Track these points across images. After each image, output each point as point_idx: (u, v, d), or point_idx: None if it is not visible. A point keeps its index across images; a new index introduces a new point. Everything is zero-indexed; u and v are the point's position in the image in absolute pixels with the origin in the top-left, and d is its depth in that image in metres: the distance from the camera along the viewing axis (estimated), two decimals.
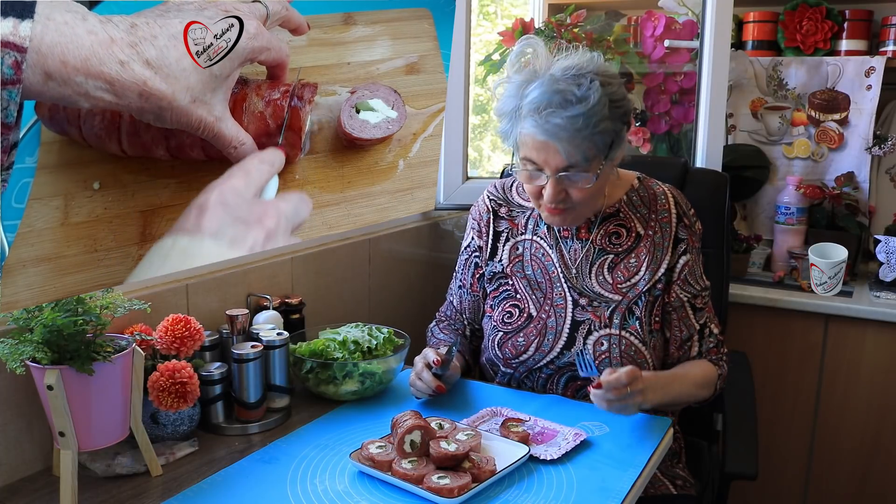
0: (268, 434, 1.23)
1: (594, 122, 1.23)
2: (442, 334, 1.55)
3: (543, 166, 1.28)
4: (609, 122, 1.26)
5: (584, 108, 1.22)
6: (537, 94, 1.25)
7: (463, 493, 0.99)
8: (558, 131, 1.23)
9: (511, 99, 1.30)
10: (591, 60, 1.28)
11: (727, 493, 1.46)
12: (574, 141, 1.23)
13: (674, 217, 1.40)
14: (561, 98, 1.23)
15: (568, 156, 1.25)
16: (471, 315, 1.55)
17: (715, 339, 1.42)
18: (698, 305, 1.41)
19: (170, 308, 1.28)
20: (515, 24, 2.13)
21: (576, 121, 1.22)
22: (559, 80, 1.25)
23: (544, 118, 1.23)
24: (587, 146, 1.25)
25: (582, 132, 1.23)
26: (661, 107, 2.20)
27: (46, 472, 1.12)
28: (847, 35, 2.29)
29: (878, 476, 2.06)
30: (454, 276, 1.58)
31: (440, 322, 1.60)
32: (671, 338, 1.41)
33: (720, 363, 1.41)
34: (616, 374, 1.17)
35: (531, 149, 1.28)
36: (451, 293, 1.59)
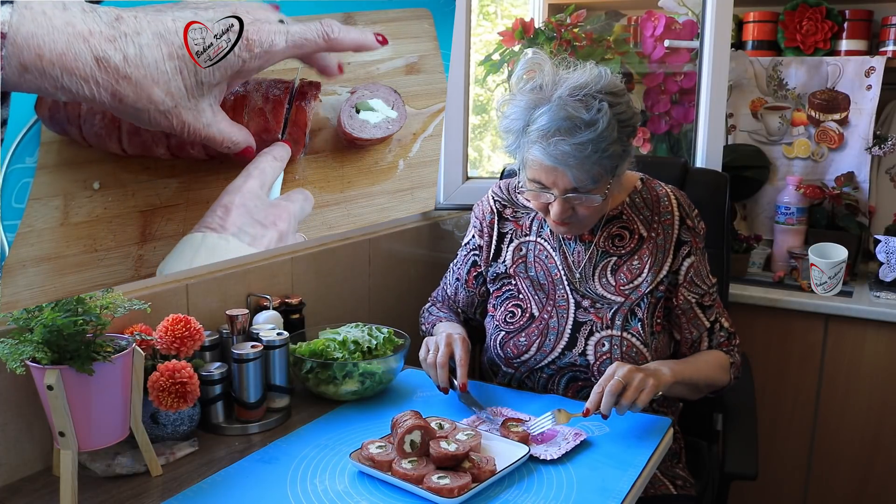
0: (268, 434, 1.23)
1: (603, 146, 1.22)
2: (442, 312, 1.56)
3: (551, 187, 1.28)
4: (617, 145, 1.25)
5: (593, 133, 1.21)
6: (545, 120, 1.23)
7: (463, 493, 0.99)
8: (567, 158, 1.22)
9: (518, 120, 1.28)
10: (598, 78, 1.25)
11: (727, 493, 1.46)
12: (583, 167, 1.23)
13: (676, 219, 1.40)
14: (569, 124, 1.21)
15: (576, 180, 1.25)
16: (464, 305, 1.56)
17: (726, 333, 1.43)
18: (706, 303, 1.41)
19: (170, 308, 1.28)
20: (515, 24, 2.13)
21: (584, 147, 1.21)
22: (567, 103, 1.22)
23: (553, 145, 1.22)
24: (596, 170, 1.24)
25: (590, 158, 1.22)
26: (661, 107, 2.20)
27: (46, 472, 1.12)
28: (847, 35, 2.29)
29: (878, 476, 2.06)
30: (451, 268, 1.59)
31: (436, 303, 1.61)
32: (681, 339, 1.42)
33: (732, 353, 1.43)
34: (598, 384, 1.20)
35: (539, 171, 1.27)
36: (446, 282, 1.60)
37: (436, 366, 1.29)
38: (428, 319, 1.56)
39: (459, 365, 1.29)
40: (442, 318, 1.53)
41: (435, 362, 1.30)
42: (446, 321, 1.50)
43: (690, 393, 1.37)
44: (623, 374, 1.19)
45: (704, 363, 1.38)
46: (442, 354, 1.29)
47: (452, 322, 1.50)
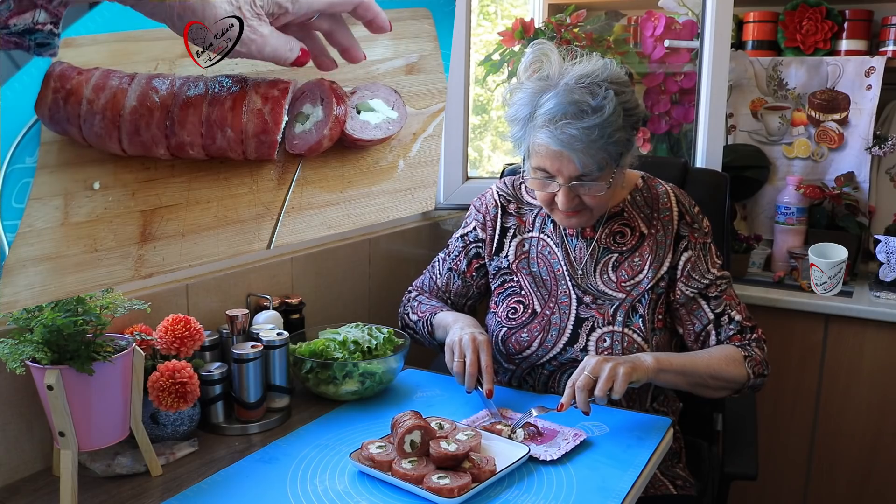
0: (268, 434, 1.23)
1: (609, 132, 1.23)
2: (433, 301, 1.53)
3: (556, 175, 1.28)
4: (623, 132, 1.26)
5: (600, 118, 1.22)
6: (552, 104, 1.24)
7: (463, 493, 0.99)
8: (573, 142, 1.23)
9: (524, 107, 1.30)
10: (604, 68, 1.28)
11: (727, 493, 1.46)
12: (589, 151, 1.24)
13: (675, 215, 1.40)
14: (576, 109, 1.23)
15: (583, 166, 1.25)
16: (456, 296, 1.55)
17: (737, 326, 1.39)
18: (711, 294, 1.39)
19: (170, 308, 1.28)
20: (515, 24, 2.13)
21: (591, 132, 1.22)
22: (574, 89, 1.24)
23: (560, 129, 1.23)
24: (601, 156, 1.25)
25: (597, 143, 1.23)
26: (661, 107, 2.20)
27: (46, 472, 1.12)
28: (847, 35, 2.29)
29: (879, 476, 2.06)
30: (442, 258, 1.57)
31: (423, 293, 1.58)
32: (684, 333, 1.42)
33: (747, 347, 1.37)
34: (570, 379, 1.20)
35: (545, 158, 1.28)
36: (435, 272, 1.58)
37: (464, 373, 1.29)
38: (419, 309, 1.52)
39: (485, 370, 1.28)
40: (437, 307, 1.50)
41: (463, 370, 1.29)
42: (444, 310, 1.47)
43: (696, 388, 1.33)
44: (592, 366, 1.19)
45: (706, 354, 1.35)
46: (471, 364, 1.28)
47: (462, 315, 1.44)
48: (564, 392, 1.20)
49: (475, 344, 1.30)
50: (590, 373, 1.19)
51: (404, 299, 1.60)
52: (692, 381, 1.31)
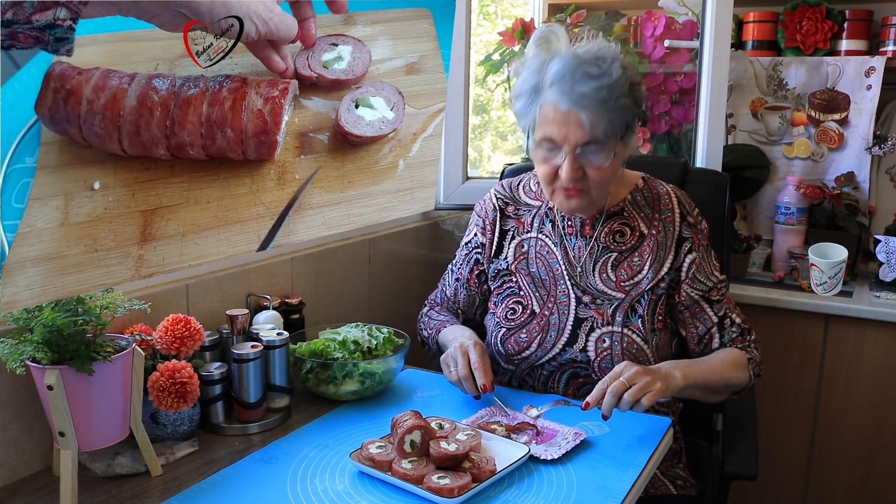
0: (268, 434, 1.23)
1: (616, 95, 1.25)
2: (441, 315, 1.55)
3: (562, 143, 1.28)
4: (629, 100, 1.28)
5: (608, 80, 1.25)
6: (560, 65, 1.27)
7: (463, 493, 0.99)
8: (583, 99, 1.24)
9: (532, 76, 1.31)
10: (609, 48, 1.30)
11: (727, 494, 1.46)
12: (598, 111, 1.25)
13: (677, 217, 1.40)
14: (584, 71, 1.25)
15: (591, 126, 1.26)
16: (464, 306, 1.56)
17: (738, 328, 1.41)
18: (714, 298, 1.41)
19: (170, 308, 1.28)
20: (515, 24, 2.13)
21: (600, 91, 1.24)
22: (582, 57, 1.27)
23: (569, 86, 1.25)
24: (609, 119, 1.26)
25: (606, 103, 1.25)
26: (661, 107, 2.19)
27: (46, 472, 1.12)
28: (847, 35, 2.29)
29: (879, 476, 2.06)
30: (451, 269, 1.59)
31: (434, 307, 1.60)
32: (687, 335, 1.42)
33: (748, 349, 1.40)
34: (603, 381, 1.20)
35: (552, 123, 1.28)
36: (445, 283, 1.60)
37: (460, 380, 1.29)
38: (429, 325, 1.55)
39: (475, 368, 1.28)
40: (444, 321, 1.52)
41: (458, 378, 1.29)
42: (450, 325, 1.49)
43: (707, 395, 1.35)
44: (629, 375, 1.19)
45: (719, 363, 1.35)
46: (462, 367, 1.28)
47: (456, 325, 1.49)
48: (594, 391, 1.19)
49: (462, 349, 1.31)
50: (626, 380, 1.18)
51: (419, 315, 1.62)
52: (708, 390, 1.34)
